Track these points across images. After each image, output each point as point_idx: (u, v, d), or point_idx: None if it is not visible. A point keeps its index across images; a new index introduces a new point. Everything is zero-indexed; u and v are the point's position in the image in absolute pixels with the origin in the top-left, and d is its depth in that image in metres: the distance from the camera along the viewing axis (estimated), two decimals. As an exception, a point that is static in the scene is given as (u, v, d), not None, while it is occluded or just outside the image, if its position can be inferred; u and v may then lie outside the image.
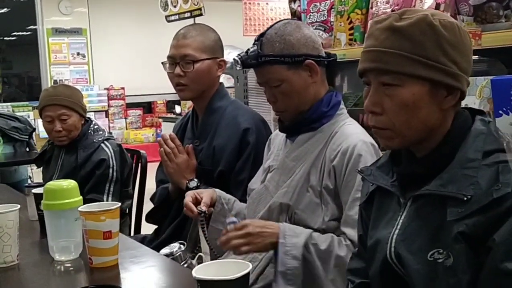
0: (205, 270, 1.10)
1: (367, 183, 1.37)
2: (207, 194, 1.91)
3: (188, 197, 1.87)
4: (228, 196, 1.99)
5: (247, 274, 1.08)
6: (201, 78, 2.21)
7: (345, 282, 1.58)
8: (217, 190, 1.98)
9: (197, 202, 1.87)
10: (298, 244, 1.66)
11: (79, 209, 1.58)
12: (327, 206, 1.72)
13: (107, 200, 2.67)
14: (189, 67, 2.19)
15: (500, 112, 1.81)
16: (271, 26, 1.81)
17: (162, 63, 2.26)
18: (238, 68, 1.81)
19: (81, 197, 1.68)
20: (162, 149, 2.25)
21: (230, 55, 2.52)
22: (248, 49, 1.79)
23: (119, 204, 1.61)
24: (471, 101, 1.86)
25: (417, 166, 1.23)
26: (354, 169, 1.67)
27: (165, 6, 7.87)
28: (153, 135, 10.51)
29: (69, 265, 1.63)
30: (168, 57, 2.24)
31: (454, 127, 1.21)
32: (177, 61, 2.20)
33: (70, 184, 1.68)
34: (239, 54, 1.80)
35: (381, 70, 1.18)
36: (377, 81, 1.19)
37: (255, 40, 1.80)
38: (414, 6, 2.21)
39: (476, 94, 1.91)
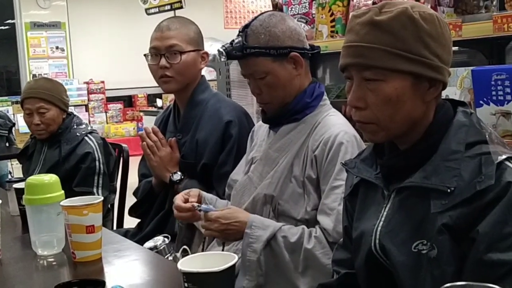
0: (190, 263, 1.10)
1: (351, 175, 1.37)
2: (194, 191, 1.90)
3: (179, 200, 1.86)
4: (210, 195, 1.98)
5: (233, 266, 1.08)
6: (186, 70, 2.20)
7: (313, 275, 1.60)
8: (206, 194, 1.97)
9: (186, 202, 1.87)
10: (262, 237, 1.67)
11: (61, 203, 1.57)
12: (309, 196, 1.73)
13: (97, 193, 2.66)
14: (175, 59, 2.17)
15: (481, 102, 1.83)
16: (256, 17, 1.81)
17: (145, 55, 2.24)
18: (222, 60, 1.79)
19: (63, 191, 1.67)
20: (144, 142, 2.24)
21: (212, 48, 2.51)
22: (233, 40, 1.78)
23: (102, 198, 1.60)
24: (452, 91, 1.87)
25: (401, 158, 1.23)
26: (334, 158, 1.68)
27: (144, -2, 7.81)
28: (134, 129, 10.45)
29: (52, 259, 1.62)
30: (152, 48, 2.21)
31: (436, 119, 1.21)
32: (162, 52, 2.18)
33: (51, 178, 1.67)
34: (223, 46, 1.79)
35: (363, 65, 1.17)
36: (359, 76, 1.19)
37: (239, 32, 1.80)
38: (395, -3, 2.21)
39: (457, 85, 1.93)
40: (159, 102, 8.78)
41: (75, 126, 2.81)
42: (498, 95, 1.79)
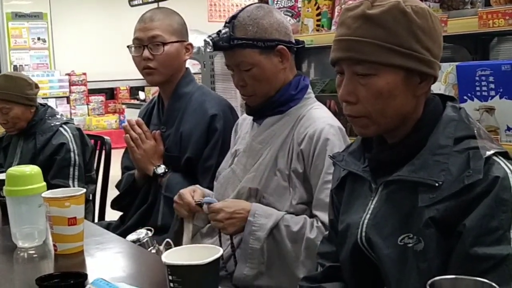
0: (175, 255, 1.09)
1: (338, 168, 1.37)
2: (198, 191, 1.89)
3: (189, 198, 1.84)
4: (208, 191, 1.97)
5: (218, 259, 1.07)
6: (170, 61, 2.18)
7: (314, 264, 1.59)
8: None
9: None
10: (266, 226, 1.67)
11: (43, 195, 1.55)
12: (295, 189, 1.73)
13: (73, 185, 2.64)
14: (158, 50, 2.15)
15: (465, 97, 1.84)
16: (243, 9, 1.79)
17: (128, 46, 2.22)
18: (208, 50, 1.77)
19: (44, 183, 1.65)
20: (128, 135, 2.22)
21: (196, 40, 2.48)
22: (220, 31, 1.76)
23: (84, 190, 1.58)
24: (436, 86, 1.88)
25: (389, 152, 1.23)
26: (321, 153, 1.68)
27: (128, -10, 7.74)
28: (116, 121, 10.37)
29: (33, 252, 1.60)
30: (135, 39, 2.19)
31: (426, 114, 1.21)
32: (144, 43, 2.16)
33: (33, 169, 1.65)
34: (210, 36, 1.77)
35: (355, 59, 1.16)
36: (350, 70, 1.18)
37: (226, 22, 1.78)
38: (382, -8, 2.21)
39: (442, 80, 1.94)
40: (141, 95, 8.73)
41: (50, 117, 2.78)
42: (482, 91, 1.80)
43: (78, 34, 10.13)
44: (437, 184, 1.11)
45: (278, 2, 2.60)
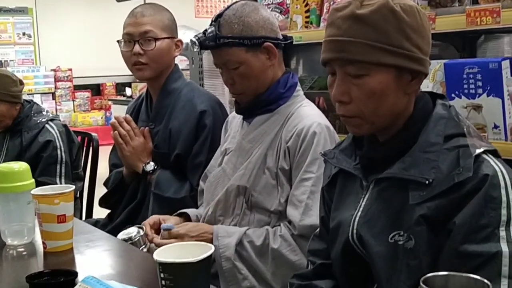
0: (166, 253, 1.09)
1: (329, 165, 1.37)
2: (150, 220, 1.89)
3: (157, 240, 1.79)
4: (196, 211, 1.97)
5: (209, 257, 1.07)
6: (161, 57, 2.17)
7: (284, 273, 1.62)
8: (188, 211, 1.96)
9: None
10: (230, 244, 1.69)
11: (32, 192, 1.54)
12: (282, 187, 1.73)
13: (60, 182, 2.62)
14: (149, 45, 2.14)
15: (453, 95, 1.85)
16: (228, 7, 1.79)
17: (118, 41, 2.21)
18: (195, 50, 1.77)
19: (33, 180, 1.63)
20: (116, 131, 2.21)
21: (185, 36, 2.48)
22: (206, 30, 1.76)
23: (73, 187, 1.57)
24: (424, 84, 1.86)
25: (380, 149, 1.24)
26: (306, 149, 1.69)
27: (115, -15, 7.69)
28: (102, 118, 10.31)
29: (22, 249, 1.59)
30: (125, 34, 2.17)
31: (416, 111, 1.22)
32: (135, 38, 2.15)
33: (21, 166, 1.63)
34: (196, 35, 1.77)
35: (346, 60, 1.17)
36: (342, 70, 1.18)
37: (212, 21, 1.78)
38: (370, -11, 2.22)
39: (430, 78, 1.95)
40: (128, 91, 8.69)
41: (36, 114, 2.75)
42: (469, 89, 1.82)
43: (64, 30, 10.05)
44: (427, 182, 1.12)
45: (267, -1, 2.60)
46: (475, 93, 1.80)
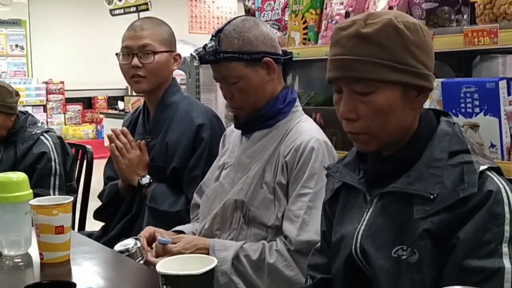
0: (169, 265, 1.08)
1: (332, 180, 1.38)
2: (145, 232, 1.88)
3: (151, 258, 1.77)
4: (192, 227, 1.96)
5: (213, 269, 1.07)
6: (159, 71, 2.18)
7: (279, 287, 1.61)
8: (184, 228, 1.95)
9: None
10: (227, 257, 1.69)
11: (31, 202, 1.53)
12: (279, 202, 1.74)
13: (53, 194, 2.60)
14: (148, 59, 2.15)
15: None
16: (229, 22, 1.80)
17: (116, 54, 2.22)
18: (195, 64, 1.78)
19: (31, 190, 1.63)
20: (113, 144, 2.20)
21: (182, 50, 2.49)
22: (206, 45, 1.77)
23: (72, 198, 1.57)
24: (421, 102, 1.91)
25: (385, 164, 1.25)
26: (304, 164, 1.69)
27: (109, -1, 7.73)
28: (93, 131, 10.29)
29: (19, 260, 1.58)
30: (124, 47, 2.19)
31: (421, 127, 1.23)
32: (134, 52, 2.16)
33: (19, 176, 1.63)
34: (196, 50, 1.78)
35: (353, 78, 1.18)
36: (349, 88, 1.20)
37: (212, 36, 1.79)
38: (368, 8, 2.24)
39: (427, 96, 1.96)
40: (120, 105, 8.68)
41: (30, 125, 2.75)
42: (466, 108, 1.83)
43: (56, 42, 10.06)
44: (432, 197, 1.14)
45: (265, 15, 2.62)
46: (472, 112, 1.82)
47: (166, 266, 1.08)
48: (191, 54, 1.81)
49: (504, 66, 2.25)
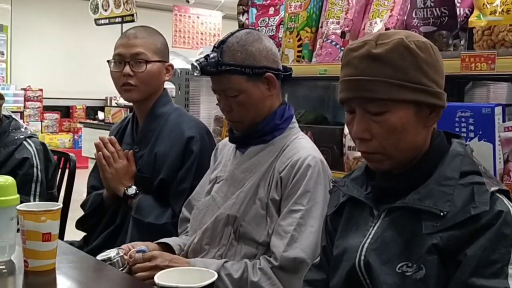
0: (167, 277, 1.05)
1: (337, 195, 1.38)
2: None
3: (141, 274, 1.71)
4: (179, 240, 1.91)
5: (212, 283, 1.04)
6: (150, 80, 2.15)
7: None
8: (169, 240, 1.89)
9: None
10: None
11: (18, 207, 1.48)
12: (271, 218, 1.71)
13: (34, 201, 2.53)
14: (140, 67, 2.12)
15: (444, 137, 1.86)
16: (232, 34, 1.78)
17: (108, 61, 2.18)
18: (195, 74, 1.75)
19: (18, 195, 1.57)
20: (100, 153, 2.16)
21: (173, 62, 2.46)
22: (208, 55, 1.74)
23: (61, 205, 1.52)
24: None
25: (395, 181, 1.25)
26: (299, 180, 1.68)
27: (95, 9, 7.68)
28: (69, 140, 10.17)
29: (3, 267, 1.52)
30: (116, 55, 2.15)
31: (433, 146, 1.24)
32: (126, 60, 2.13)
33: (7, 180, 1.57)
34: (197, 60, 1.75)
35: (367, 98, 1.19)
36: (362, 108, 1.21)
37: (214, 47, 1.76)
38: (364, 29, 2.25)
39: (421, 119, 1.96)
40: (101, 115, 8.60)
41: (14, 130, 2.69)
42: (461, 132, 1.83)
43: (38, 49, 9.97)
44: (442, 214, 1.14)
45: (259, 31, 2.61)
46: (466, 137, 1.82)
47: (164, 278, 1.04)
48: (192, 64, 1.78)
49: (496, 93, 2.27)
